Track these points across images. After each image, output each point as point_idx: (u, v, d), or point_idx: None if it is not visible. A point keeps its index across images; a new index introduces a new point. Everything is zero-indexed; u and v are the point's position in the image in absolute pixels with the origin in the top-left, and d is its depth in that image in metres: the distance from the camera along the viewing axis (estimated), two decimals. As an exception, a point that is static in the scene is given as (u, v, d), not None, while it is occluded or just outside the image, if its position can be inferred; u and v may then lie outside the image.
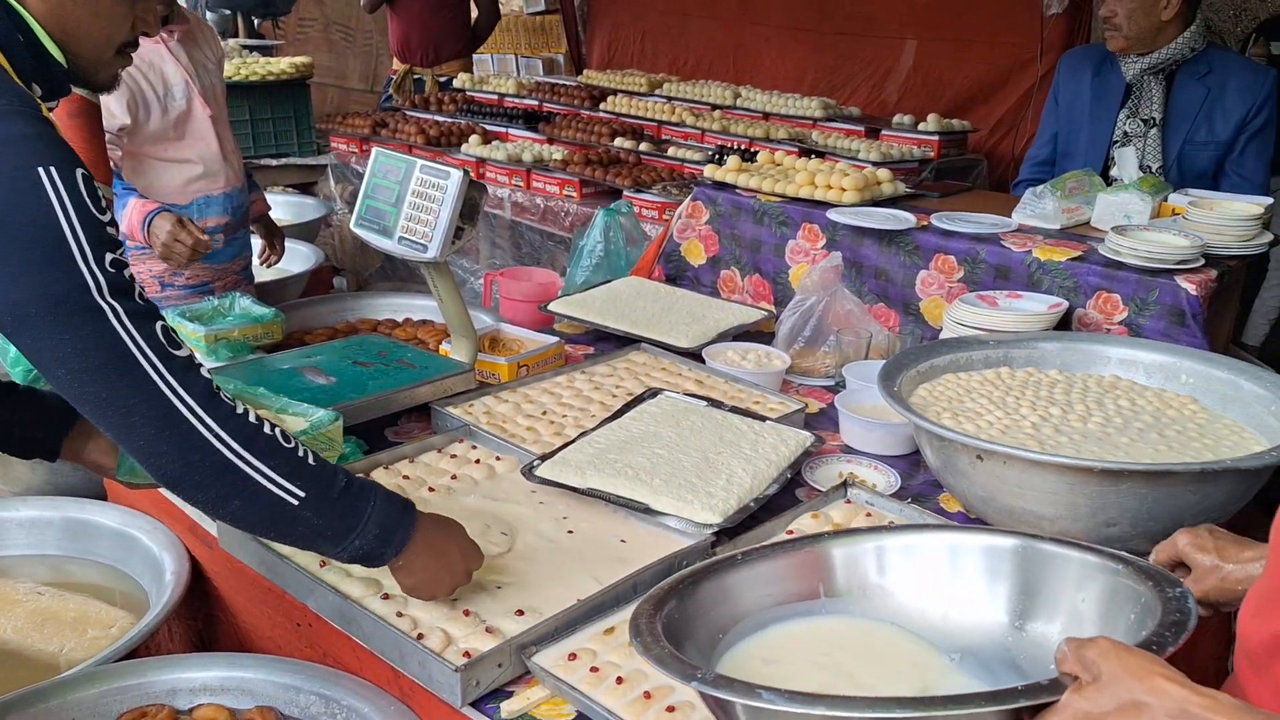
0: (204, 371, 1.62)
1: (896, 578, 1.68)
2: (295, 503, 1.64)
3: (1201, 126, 3.91)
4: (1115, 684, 1.14)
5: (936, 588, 1.65)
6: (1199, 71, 3.90)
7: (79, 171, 1.54)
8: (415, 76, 8.04)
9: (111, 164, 3.43)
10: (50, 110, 1.64)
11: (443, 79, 8.03)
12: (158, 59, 3.52)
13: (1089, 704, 1.15)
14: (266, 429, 1.64)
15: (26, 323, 1.51)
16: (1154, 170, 3.93)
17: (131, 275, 1.59)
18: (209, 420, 1.58)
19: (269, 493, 1.63)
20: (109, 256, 1.54)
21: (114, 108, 3.39)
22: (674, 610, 1.55)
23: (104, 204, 1.56)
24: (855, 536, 1.75)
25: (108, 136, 3.38)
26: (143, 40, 3.40)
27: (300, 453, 1.67)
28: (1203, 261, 2.92)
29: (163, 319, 1.61)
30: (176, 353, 1.59)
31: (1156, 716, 1.10)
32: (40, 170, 1.49)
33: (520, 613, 1.92)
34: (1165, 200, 3.44)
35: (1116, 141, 4.03)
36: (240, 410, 1.63)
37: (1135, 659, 1.16)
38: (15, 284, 1.49)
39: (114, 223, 1.58)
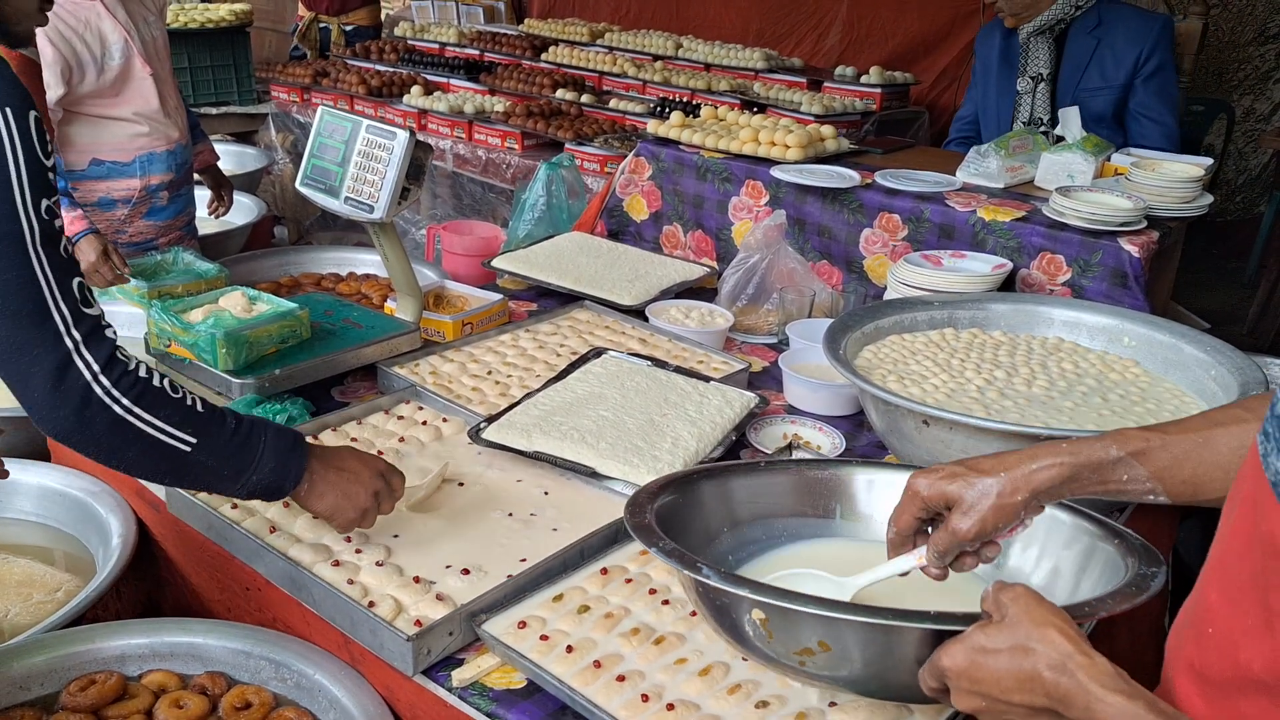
0: (109, 333, 1.64)
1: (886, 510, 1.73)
2: (187, 449, 1.68)
3: (1094, 73, 4.06)
4: (1014, 626, 1.21)
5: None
6: (1089, 25, 4.06)
7: (32, 114, 1.54)
8: (321, 25, 7.93)
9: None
10: None
11: (349, 28, 7.92)
12: (94, 17, 3.43)
13: (987, 640, 1.22)
14: (156, 381, 1.67)
15: None
16: (1045, 122, 4.10)
17: (61, 225, 1.59)
18: (105, 381, 1.60)
19: (161, 443, 1.66)
20: (45, 203, 1.55)
21: (48, 78, 3.30)
22: (666, 506, 1.65)
23: (50, 147, 1.57)
24: (852, 468, 1.84)
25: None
26: None
27: (189, 402, 1.70)
28: (1145, 223, 2.96)
29: (80, 275, 1.62)
30: (88, 311, 1.61)
31: (1038, 663, 1.17)
32: None
33: (466, 571, 1.93)
34: (1108, 160, 3.47)
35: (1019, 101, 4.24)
36: (133, 367, 1.65)
37: (1040, 609, 1.21)
38: None
39: (54, 168, 1.58)
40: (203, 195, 4.18)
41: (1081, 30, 4.06)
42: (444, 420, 2.48)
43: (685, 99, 5.96)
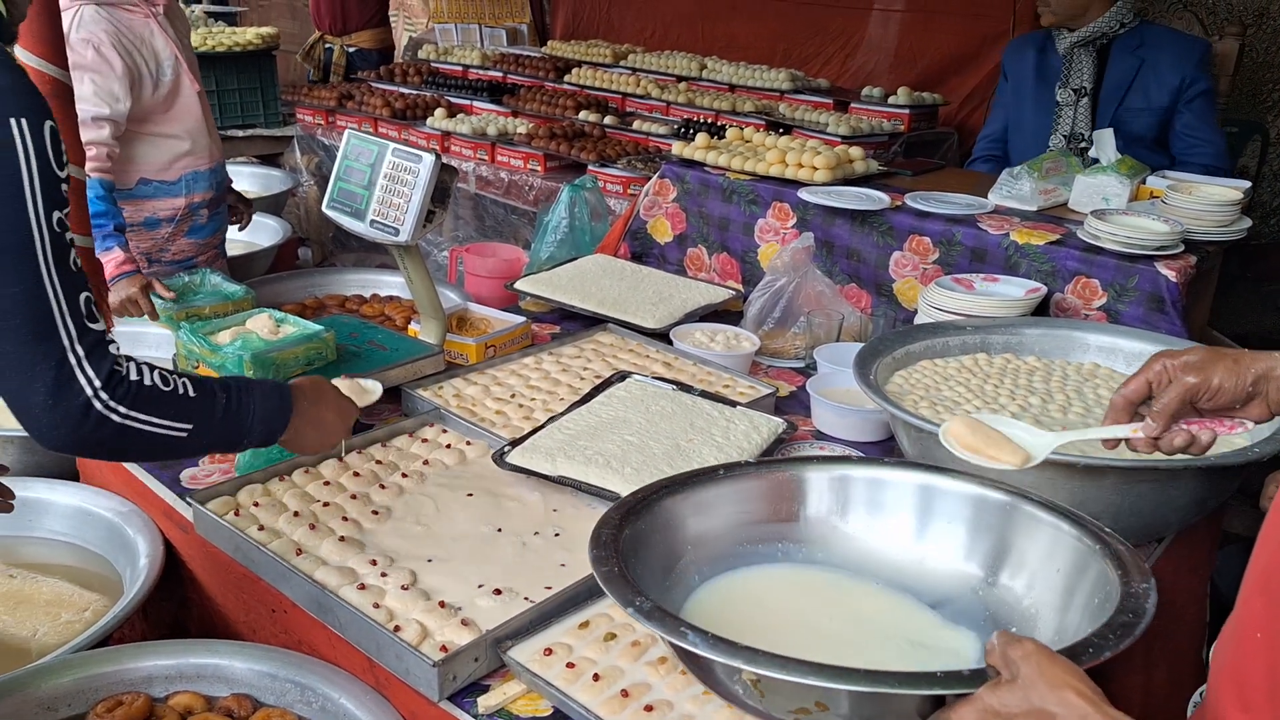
0: (111, 348, 1.64)
1: (867, 517, 1.75)
2: (184, 435, 1.73)
3: (1137, 93, 4.06)
4: (1029, 688, 1.17)
5: (910, 532, 1.72)
6: (1132, 45, 4.06)
7: (47, 124, 1.53)
8: (326, 45, 7.96)
9: (107, 157, 3.34)
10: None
11: (352, 49, 7.95)
12: (147, 33, 3.47)
13: (998, 702, 1.18)
14: (148, 380, 1.67)
15: None
16: (1086, 137, 4.09)
17: (71, 239, 1.58)
18: (104, 395, 1.60)
19: (159, 436, 1.70)
20: (57, 215, 1.53)
21: (117, 90, 3.34)
22: (638, 525, 1.62)
23: (64, 159, 1.55)
24: (829, 465, 1.81)
25: (110, 129, 3.32)
26: (132, 14, 3.44)
27: (180, 391, 1.72)
28: (1182, 247, 2.92)
29: (88, 290, 1.61)
30: (93, 327, 1.60)
31: None
32: (12, 121, 1.48)
33: (498, 591, 1.92)
34: (1143, 183, 3.44)
35: (1053, 114, 4.21)
36: (124, 372, 1.64)
37: (1055, 668, 1.18)
38: None
39: (68, 179, 1.56)
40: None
41: (1124, 48, 4.06)
42: (468, 443, 2.47)
43: (710, 120, 5.95)
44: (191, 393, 1.74)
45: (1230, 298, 6.16)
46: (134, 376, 1.65)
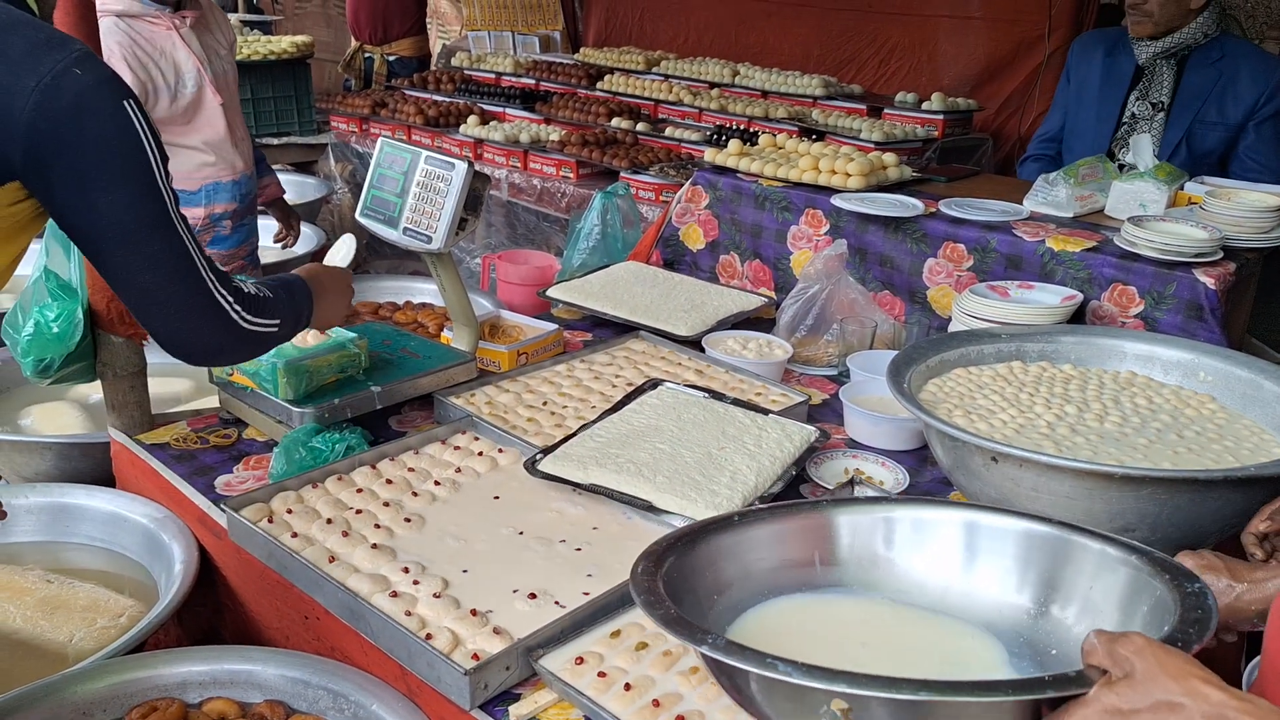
0: (217, 264, 1.87)
1: (906, 552, 1.66)
2: (275, 330, 2.01)
3: (1212, 108, 3.94)
4: (1149, 682, 1.11)
5: (949, 566, 1.63)
6: (1212, 57, 3.94)
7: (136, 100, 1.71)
8: (366, 55, 8.00)
9: None
10: None
11: (392, 58, 7.98)
12: (169, 46, 3.49)
13: (1120, 700, 1.12)
14: (254, 292, 1.95)
15: (130, 238, 1.70)
16: (1155, 152, 3.95)
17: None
18: (237, 307, 1.87)
19: (266, 334, 1.98)
20: (167, 172, 1.74)
21: None
22: (673, 567, 1.53)
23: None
24: (864, 506, 1.72)
25: None
26: (154, 26, 3.47)
27: (268, 296, 2.00)
28: (1221, 254, 2.89)
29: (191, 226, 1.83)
30: (208, 257, 1.84)
31: (1192, 718, 1.07)
32: (125, 104, 1.65)
33: (533, 596, 1.93)
34: (1181, 189, 3.40)
35: (1125, 124, 4.07)
36: (246, 289, 1.93)
37: (1172, 658, 1.12)
38: (128, 207, 1.68)
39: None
40: (267, 225, 4.23)
41: (1203, 60, 3.96)
42: (500, 451, 2.47)
43: (742, 126, 5.94)
44: (269, 294, 2.01)
45: (1271, 305, 6.08)
46: (246, 290, 1.92)
